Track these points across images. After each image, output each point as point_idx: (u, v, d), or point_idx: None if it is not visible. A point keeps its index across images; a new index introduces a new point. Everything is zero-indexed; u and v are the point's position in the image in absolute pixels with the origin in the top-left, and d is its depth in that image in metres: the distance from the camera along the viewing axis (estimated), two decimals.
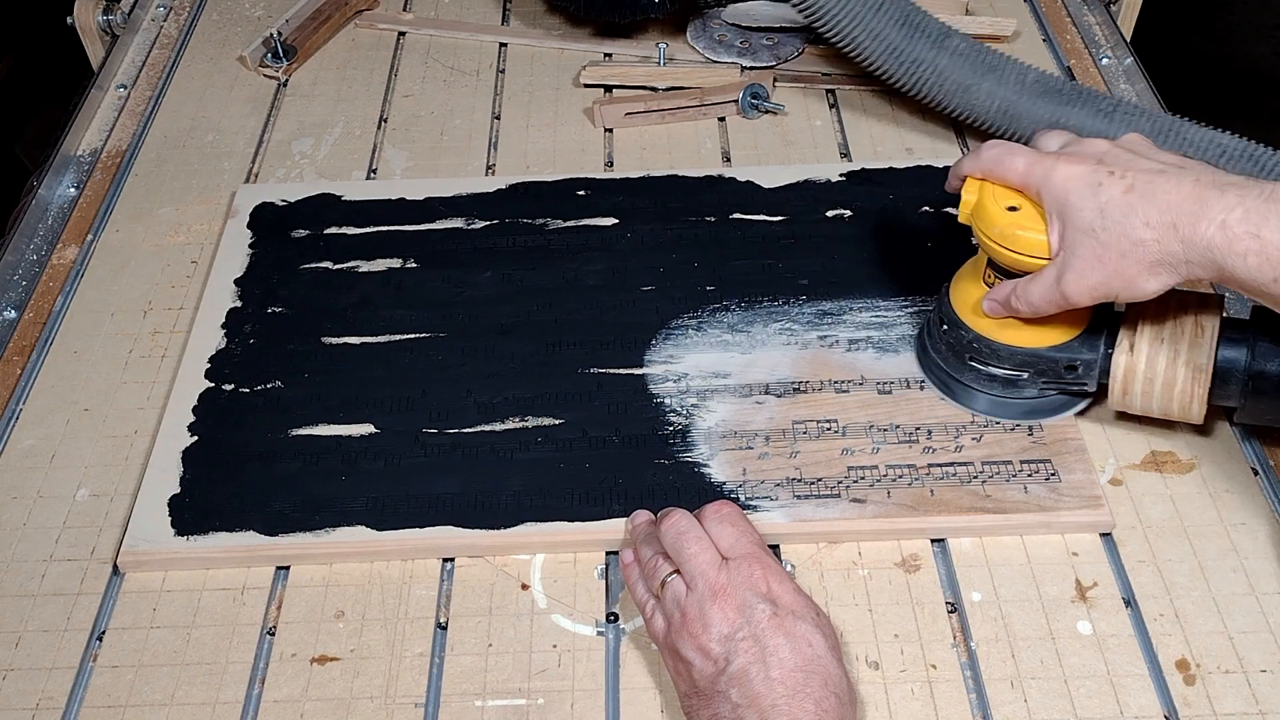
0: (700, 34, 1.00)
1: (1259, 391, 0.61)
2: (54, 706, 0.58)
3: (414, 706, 0.57)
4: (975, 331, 0.65)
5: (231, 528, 0.63)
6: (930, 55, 0.83)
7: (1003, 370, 0.65)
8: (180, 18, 1.08)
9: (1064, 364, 0.64)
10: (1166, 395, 0.62)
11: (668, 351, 0.72)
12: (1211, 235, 0.53)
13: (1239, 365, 0.61)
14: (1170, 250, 0.54)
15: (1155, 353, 0.62)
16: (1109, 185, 0.56)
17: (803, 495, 0.63)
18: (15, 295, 0.81)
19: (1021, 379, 0.65)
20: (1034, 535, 0.63)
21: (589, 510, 0.63)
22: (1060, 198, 0.57)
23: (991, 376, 0.66)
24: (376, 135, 0.93)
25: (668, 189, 0.83)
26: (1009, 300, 0.62)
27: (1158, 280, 0.56)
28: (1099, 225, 0.56)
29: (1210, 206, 0.53)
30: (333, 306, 0.76)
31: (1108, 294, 0.57)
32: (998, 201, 0.61)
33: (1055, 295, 0.59)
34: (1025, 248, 0.60)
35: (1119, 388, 0.63)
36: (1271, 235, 0.51)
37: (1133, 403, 0.64)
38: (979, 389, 0.67)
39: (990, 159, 0.61)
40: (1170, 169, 0.56)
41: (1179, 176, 0.55)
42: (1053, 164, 0.58)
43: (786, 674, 0.51)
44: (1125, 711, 0.56)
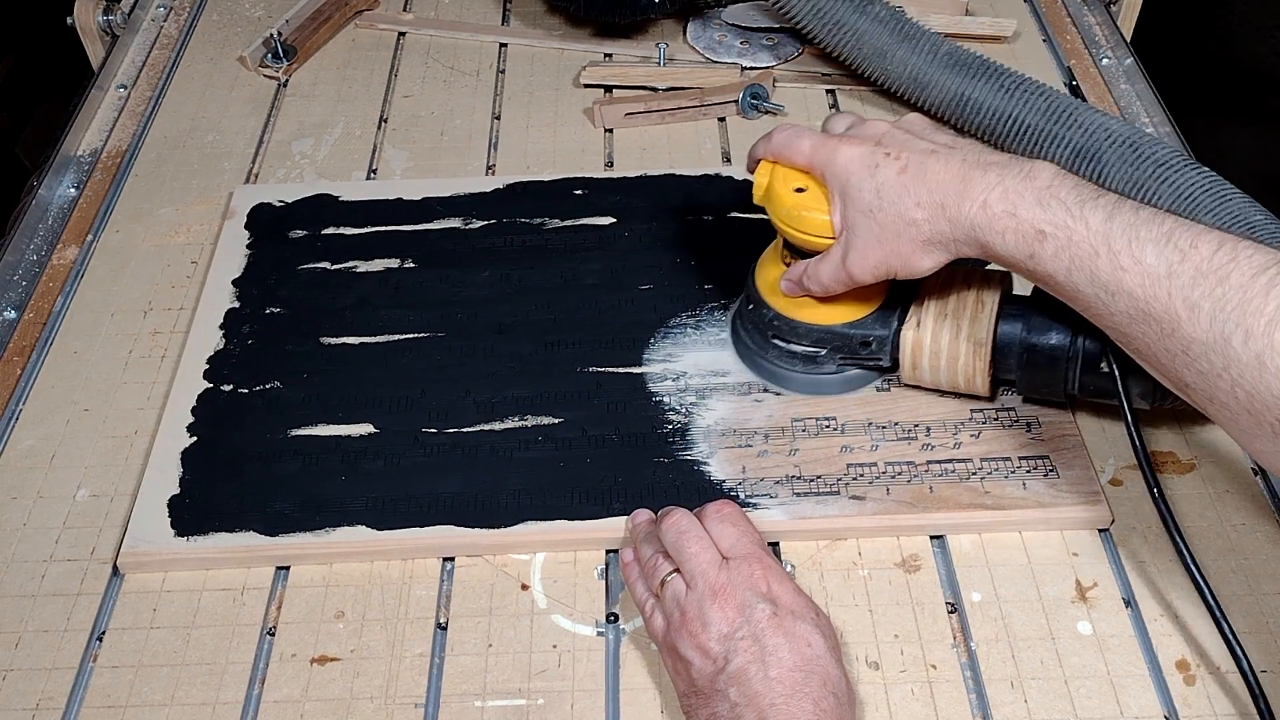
0: (700, 34, 1.00)
1: (1034, 364, 0.63)
2: (54, 707, 0.58)
3: (414, 707, 0.57)
4: (775, 310, 0.67)
5: (231, 528, 0.63)
6: (852, 19, 0.86)
7: (802, 347, 0.67)
8: (180, 18, 1.08)
9: (858, 340, 0.66)
10: (951, 369, 0.64)
11: (666, 350, 0.72)
12: (974, 214, 0.55)
13: (1015, 339, 0.63)
14: (939, 229, 0.56)
15: (940, 328, 0.64)
16: (885, 166, 0.58)
17: (802, 493, 0.63)
18: (15, 295, 0.81)
19: (820, 355, 0.67)
20: (1033, 533, 0.63)
21: (589, 509, 0.64)
22: (842, 179, 0.59)
23: (793, 354, 0.68)
24: (377, 135, 0.93)
25: (665, 188, 0.83)
26: (802, 280, 0.64)
27: (931, 258, 0.58)
28: (876, 205, 0.58)
29: (973, 186, 0.55)
30: (331, 307, 0.76)
31: (888, 272, 0.60)
32: (786, 184, 0.63)
33: (841, 274, 0.61)
34: (811, 228, 0.62)
35: (908, 362, 0.65)
36: (1026, 214, 0.53)
37: (922, 376, 0.66)
38: (781, 366, 0.69)
39: (779, 142, 0.63)
40: (941, 149, 0.58)
41: (948, 157, 0.57)
42: (835, 146, 0.60)
43: (785, 673, 0.51)
44: (1125, 711, 0.56)
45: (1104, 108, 0.92)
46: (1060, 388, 0.63)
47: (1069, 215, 0.52)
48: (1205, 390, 0.50)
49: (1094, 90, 0.94)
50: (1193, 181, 0.64)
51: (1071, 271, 0.53)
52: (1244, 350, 0.47)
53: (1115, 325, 0.53)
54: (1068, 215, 0.52)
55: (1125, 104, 0.92)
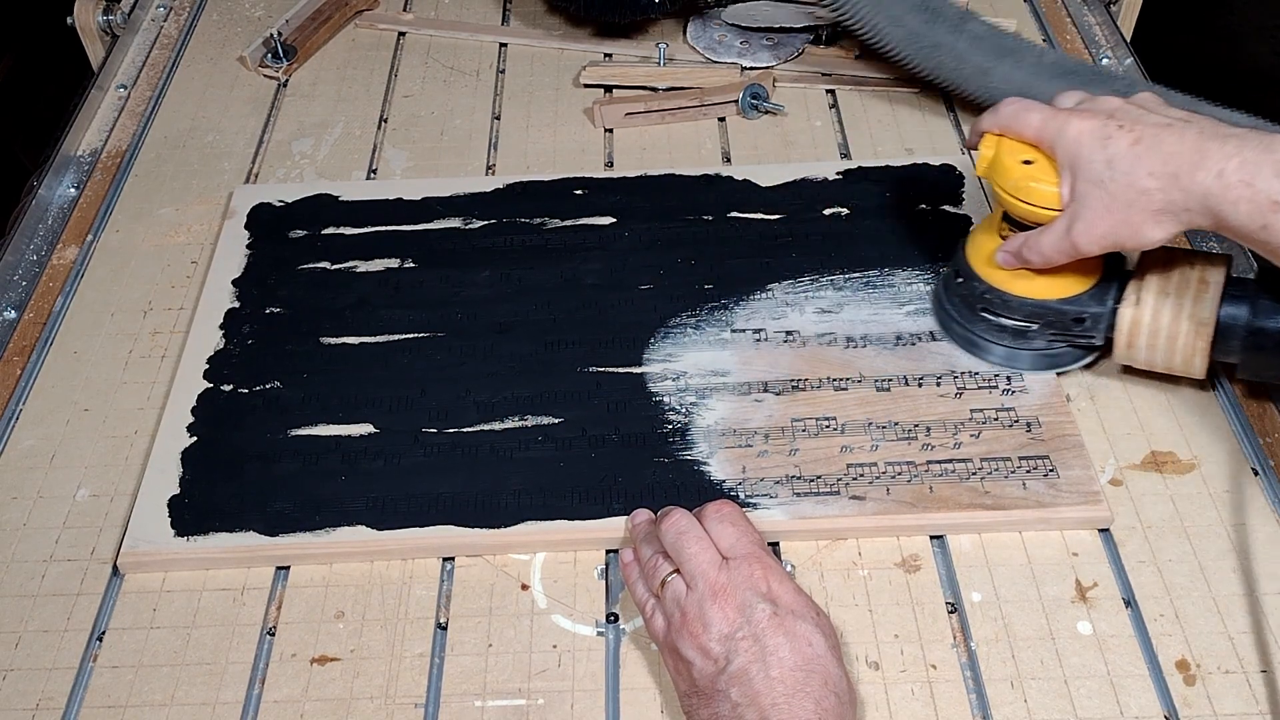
0: (700, 34, 1.00)
1: (1258, 347, 0.62)
2: (54, 707, 0.58)
3: (414, 707, 0.57)
4: (988, 283, 0.67)
5: (231, 528, 0.63)
6: (949, 39, 0.84)
7: (1013, 321, 0.67)
8: (180, 18, 1.08)
9: (1072, 316, 0.65)
10: (1170, 349, 0.64)
11: (666, 350, 0.72)
12: (1209, 183, 0.54)
13: (1240, 321, 0.62)
14: (1172, 199, 0.56)
15: (1160, 307, 0.63)
16: (1118, 138, 0.57)
17: (802, 493, 0.63)
18: (15, 295, 0.81)
19: (1031, 330, 0.67)
20: (1033, 533, 0.63)
21: (589, 509, 0.63)
22: (1072, 151, 0.59)
23: (1002, 327, 0.67)
24: (377, 135, 0.93)
25: (665, 188, 0.83)
26: (1021, 251, 0.64)
27: (1162, 229, 0.57)
28: (1107, 176, 0.58)
29: (1209, 156, 0.55)
30: (331, 307, 0.76)
31: (1115, 242, 0.59)
32: (1013, 156, 0.62)
33: (1065, 244, 0.61)
34: (1038, 199, 0.62)
35: (1124, 340, 0.64)
36: (1263, 184, 0.53)
37: (1137, 356, 0.65)
38: (990, 340, 0.68)
39: (1008, 115, 0.63)
40: (1177, 123, 0.57)
41: (1183, 129, 0.56)
42: (1066, 119, 0.60)
43: (786, 673, 0.51)
44: (1125, 712, 0.56)
45: None
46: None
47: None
48: None
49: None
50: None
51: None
52: None
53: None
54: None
55: None
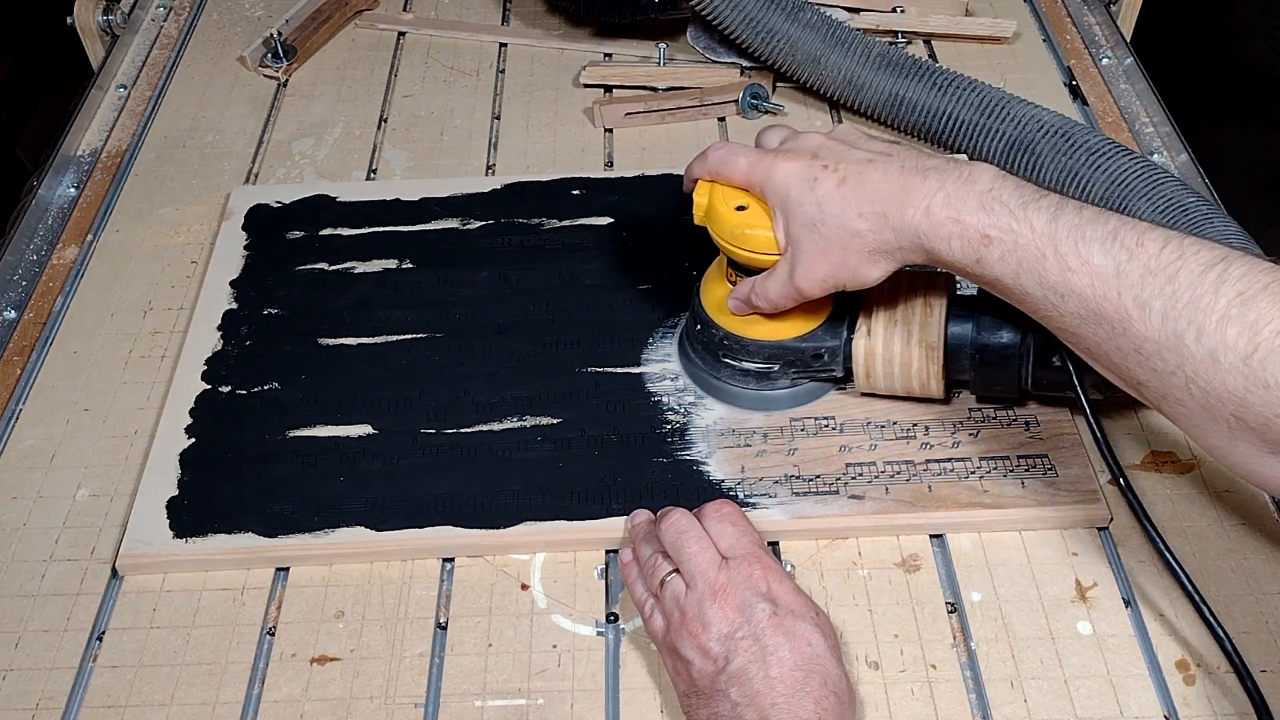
0: (700, 34, 1.00)
1: (986, 363, 0.63)
2: (54, 707, 0.58)
3: (414, 706, 0.57)
4: (724, 329, 0.67)
5: (230, 529, 0.63)
6: (784, 26, 0.87)
7: (754, 364, 0.67)
8: (180, 18, 1.08)
9: (810, 353, 0.66)
10: (905, 374, 0.64)
11: (665, 350, 0.72)
12: (918, 221, 0.54)
13: (966, 340, 0.63)
14: (884, 239, 0.56)
15: (890, 335, 0.64)
16: (824, 179, 0.57)
17: (801, 492, 0.63)
18: (15, 295, 0.81)
19: (773, 371, 0.67)
20: (1033, 532, 0.63)
21: (588, 509, 0.63)
22: (782, 194, 0.59)
23: (745, 371, 0.67)
24: (377, 135, 0.93)
25: (664, 188, 0.83)
26: (750, 298, 0.63)
27: (878, 268, 0.58)
28: (818, 219, 0.57)
29: (915, 193, 0.55)
30: (329, 307, 0.76)
31: (836, 284, 0.59)
32: (727, 202, 0.62)
33: (790, 289, 0.61)
34: (756, 246, 0.61)
35: (862, 371, 0.65)
36: (970, 219, 0.53)
37: (876, 384, 0.66)
38: (735, 385, 0.68)
39: (716, 160, 0.62)
40: (878, 158, 0.57)
41: (886, 165, 0.56)
42: (772, 162, 0.59)
43: (786, 673, 0.51)
44: (1125, 711, 0.56)
45: (1104, 108, 0.92)
46: (1014, 385, 0.64)
47: (1013, 218, 0.52)
48: (1159, 388, 0.50)
49: (1094, 90, 0.94)
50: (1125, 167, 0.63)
51: (1019, 275, 0.52)
52: (1197, 347, 0.47)
53: (1065, 326, 0.53)
54: (1011, 218, 0.52)
55: (1125, 104, 0.92)
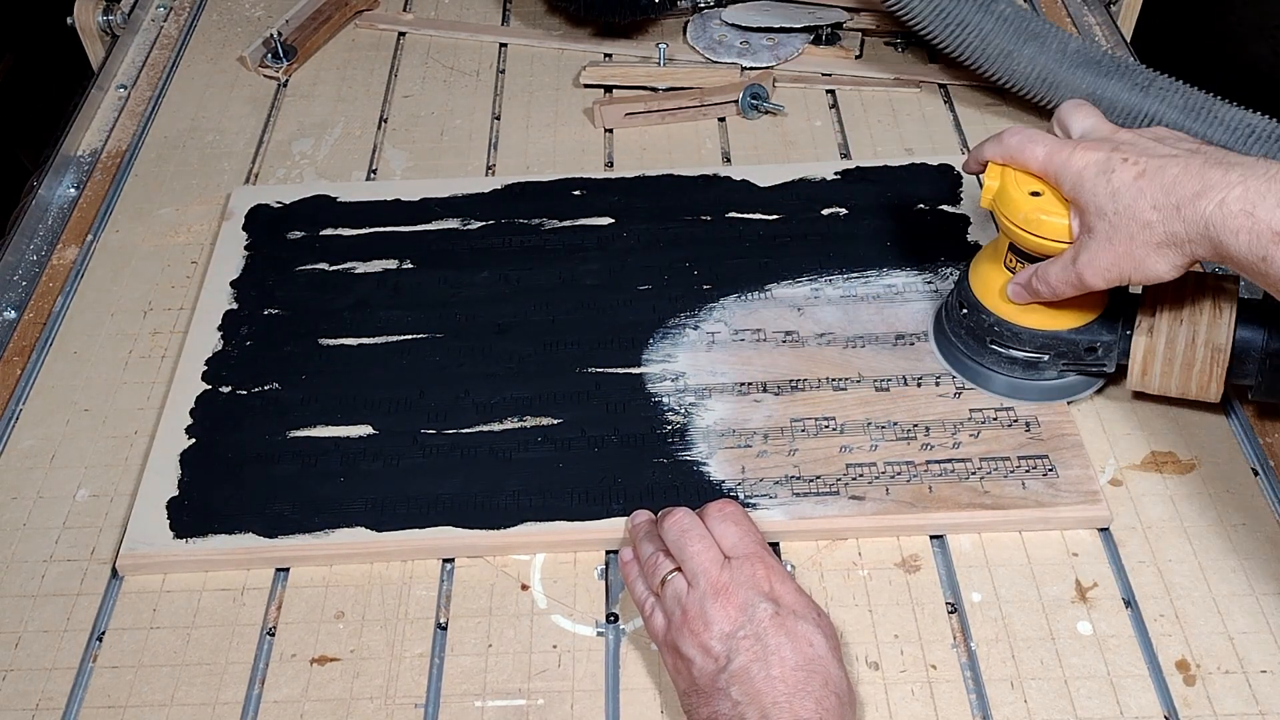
0: (700, 34, 1.00)
1: (1276, 369, 0.62)
2: (54, 707, 0.58)
3: (414, 707, 0.57)
4: (996, 315, 0.66)
5: (230, 530, 0.63)
6: (976, 19, 0.83)
7: (1024, 353, 0.66)
8: (180, 18, 1.08)
9: (1084, 346, 0.65)
10: (1185, 375, 0.63)
11: (665, 350, 0.72)
12: (1210, 213, 0.53)
13: (1256, 345, 0.62)
14: (1174, 230, 0.55)
15: (1174, 334, 0.63)
16: (1121, 171, 0.57)
17: (802, 493, 0.63)
18: (15, 295, 0.81)
19: (1043, 361, 0.66)
20: (1033, 533, 0.63)
21: (588, 509, 0.63)
22: (1076, 183, 0.59)
23: (1013, 359, 0.67)
24: (377, 135, 0.93)
25: (663, 188, 0.83)
26: (1031, 283, 0.63)
27: (1165, 261, 0.57)
28: (1110, 209, 0.57)
29: (1212, 186, 0.54)
30: (329, 308, 0.76)
31: (1120, 276, 0.58)
32: (1020, 187, 0.62)
33: (1072, 277, 0.60)
34: (1049, 232, 0.61)
35: (1138, 368, 0.64)
36: (1264, 214, 0.52)
37: (1152, 383, 0.65)
38: (1000, 371, 0.68)
39: (1013, 146, 0.62)
40: (1182, 154, 0.56)
41: (1188, 160, 0.55)
42: (1071, 151, 0.59)
43: (788, 673, 0.51)
44: (1125, 712, 0.56)
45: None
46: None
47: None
48: None
49: None
50: None
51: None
52: None
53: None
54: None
55: None
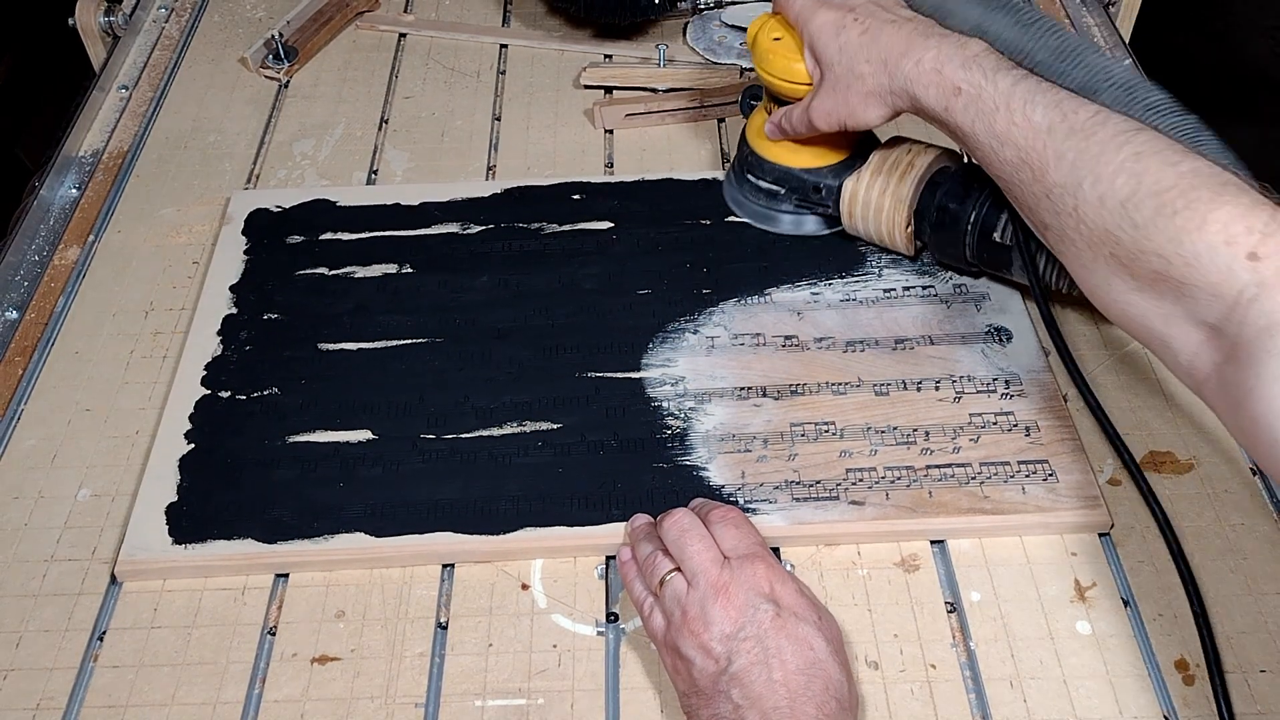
0: (700, 35, 1.00)
1: (940, 225, 0.71)
2: (54, 707, 0.58)
3: (414, 706, 0.57)
4: (751, 148, 0.78)
5: (229, 536, 0.63)
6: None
7: (765, 183, 0.77)
8: (182, 19, 1.08)
9: (810, 185, 0.76)
10: (877, 220, 0.73)
11: (665, 355, 0.72)
12: (909, 70, 0.63)
13: (930, 202, 0.71)
14: (880, 82, 0.65)
15: (873, 182, 0.73)
16: (850, 29, 0.67)
17: (801, 498, 0.63)
18: (17, 296, 0.81)
19: (780, 193, 0.77)
20: (1033, 536, 0.63)
21: (588, 515, 0.63)
22: (815, 36, 0.68)
23: (758, 189, 0.78)
24: (377, 137, 0.93)
25: (664, 192, 0.83)
26: (780, 123, 0.74)
27: (873, 110, 0.67)
28: (836, 60, 0.67)
29: (915, 48, 0.63)
30: (329, 312, 0.76)
31: (839, 120, 0.69)
32: (768, 33, 0.72)
33: (805, 118, 0.71)
34: (775, 70, 0.71)
35: (846, 209, 0.74)
36: (950, 73, 0.62)
37: (856, 226, 0.75)
38: (747, 199, 0.79)
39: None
40: (901, 20, 0.66)
41: (902, 26, 0.65)
42: (815, 8, 0.69)
43: (789, 676, 0.51)
44: (1125, 711, 0.56)
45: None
46: (961, 252, 0.71)
47: (984, 78, 0.61)
48: (1058, 229, 0.58)
49: None
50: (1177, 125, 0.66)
51: (975, 124, 0.61)
52: (1091, 192, 0.55)
53: (1001, 173, 0.61)
54: (983, 77, 0.61)
55: None
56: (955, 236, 0.71)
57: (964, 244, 0.71)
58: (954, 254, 0.72)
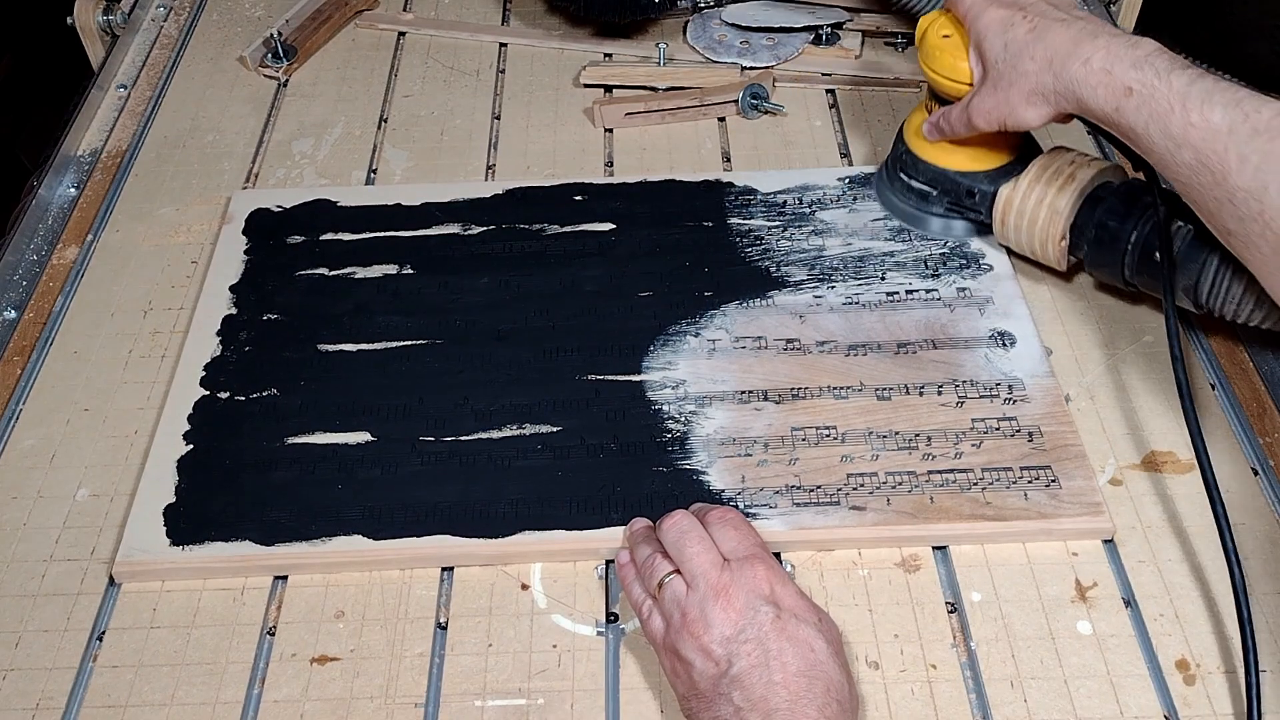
0: (700, 34, 1.00)
1: (1099, 242, 0.69)
2: (54, 707, 0.58)
3: (414, 706, 0.57)
4: (906, 146, 0.76)
5: (227, 537, 0.63)
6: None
7: (918, 184, 0.76)
8: (180, 18, 1.08)
9: (965, 188, 0.74)
10: (1030, 231, 0.71)
11: (665, 358, 0.71)
12: (1076, 70, 0.62)
13: (1091, 217, 0.69)
14: (1044, 81, 0.63)
15: (1030, 190, 0.71)
16: (1018, 26, 0.65)
17: (802, 503, 0.63)
18: (15, 295, 0.81)
19: (932, 195, 0.75)
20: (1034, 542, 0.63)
21: (587, 519, 0.63)
22: (981, 33, 0.67)
23: (910, 188, 0.76)
24: (377, 135, 0.93)
25: (665, 194, 0.83)
26: (939, 122, 0.72)
27: (1035, 109, 0.65)
28: (1001, 58, 0.65)
29: (1083, 46, 0.62)
30: (329, 313, 0.75)
31: (999, 120, 0.67)
32: (937, 30, 0.71)
33: (965, 117, 0.69)
34: (941, 67, 0.70)
35: (999, 216, 0.72)
36: (1120, 73, 0.60)
37: (1007, 235, 0.73)
38: (898, 198, 0.78)
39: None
40: (1070, 19, 0.64)
41: (1070, 24, 0.63)
42: (986, 5, 0.67)
43: (790, 678, 0.51)
44: (1125, 711, 0.56)
45: None
46: (1119, 271, 0.69)
47: (1156, 77, 0.59)
48: (1243, 235, 0.56)
49: None
50: None
51: (1149, 125, 0.59)
52: (1278, 196, 0.53)
53: (1178, 177, 0.59)
54: (1155, 76, 0.59)
55: None
56: (1114, 255, 0.68)
57: (1123, 263, 0.68)
58: (1111, 273, 0.70)
